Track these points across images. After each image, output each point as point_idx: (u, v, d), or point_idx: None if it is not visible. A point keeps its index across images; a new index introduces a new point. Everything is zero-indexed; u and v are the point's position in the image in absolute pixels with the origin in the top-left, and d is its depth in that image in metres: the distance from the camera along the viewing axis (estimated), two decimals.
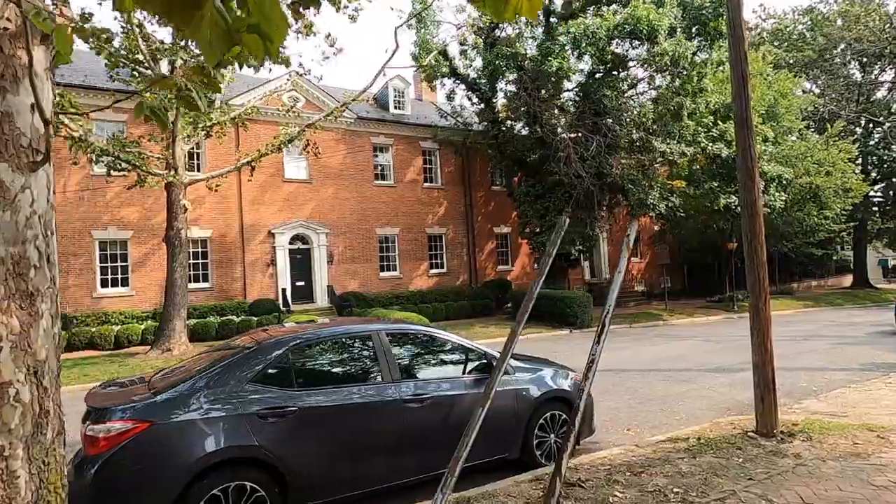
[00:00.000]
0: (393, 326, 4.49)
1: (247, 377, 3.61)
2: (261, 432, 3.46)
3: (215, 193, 19.29)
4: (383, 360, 4.11)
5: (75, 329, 15.17)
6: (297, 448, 3.56)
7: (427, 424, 4.08)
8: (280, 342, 3.86)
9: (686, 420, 6.40)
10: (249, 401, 3.52)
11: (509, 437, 4.52)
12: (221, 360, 3.74)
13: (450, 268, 24.38)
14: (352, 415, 3.82)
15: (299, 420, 3.61)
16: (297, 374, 3.82)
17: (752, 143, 5.18)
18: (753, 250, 5.16)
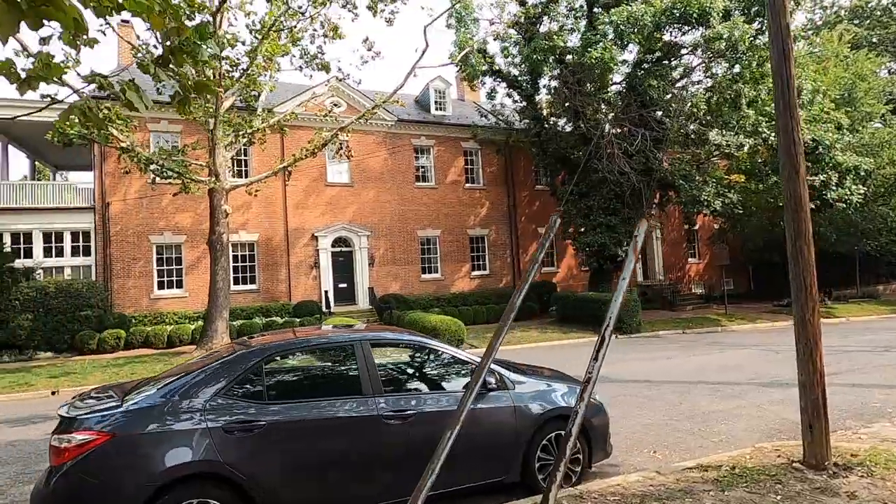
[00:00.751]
0: (378, 335, 4.22)
1: (216, 389, 3.46)
2: (226, 448, 3.30)
3: (262, 198, 20.03)
4: (364, 371, 3.85)
5: (133, 329, 16.10)
6: (265, 465, 3.37)
7: (411, 443, 3.77)
8: (253, 352, 3.69)
9: (725, 443, 5.69)
10: (216, 414, 3.37)
11: (507, 459, 4.12)
12: (194, 370, 3.62)
13: (492, 269, 23.92)
14: (325, 431, 3.58)
15: (268, 435, 3.42)
16: (270, 387, 3.64)
17: (795, 127, 4.47)
18: (799, 252, 4.45)
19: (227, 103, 13.80)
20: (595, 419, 4.54)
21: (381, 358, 4.17)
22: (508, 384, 4.30)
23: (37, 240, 17.30)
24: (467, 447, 3.97)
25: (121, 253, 17.99)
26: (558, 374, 5.23)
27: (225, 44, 12.74)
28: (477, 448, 4.00)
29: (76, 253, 17.80)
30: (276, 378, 3.73)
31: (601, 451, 4.59)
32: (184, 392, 3.41)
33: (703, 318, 20.16)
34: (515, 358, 12.19)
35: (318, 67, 16.43)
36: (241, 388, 3.54)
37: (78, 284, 16.19)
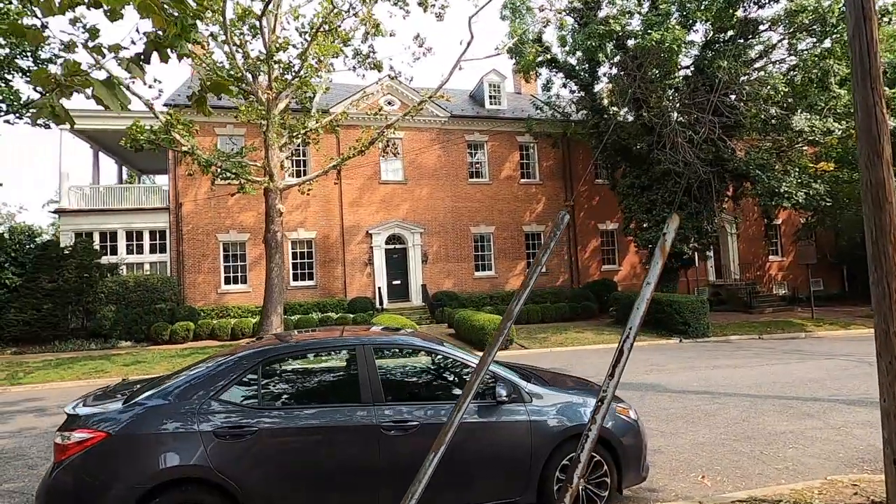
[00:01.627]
0: (384, 339, 3.99)
1: (211, 392, 3.40)
2: (216, 453, 3.22)
3: (319, 197, 20.65)
4: (365, 378, 3.64)
5: (201, 321, 17.15)
6: (256, 472, 3.26)
7: (412, 456, 3.50)
8: (249, 355, 3.60)
9: (791, 471, 4.94)
10: (209, 418, 3.31)
11: (521, 479, 3.75)
12: (194, 372, 3.59)
13: (549, 267, 23.12)
14: (319, 440, 3.42)
15: (259, 442, 3.31)
16: (265, 391, 3.53)
17: (878, 101, 3.71)
18: (881, 252, 3.69)
19: (281, 105, 14.22)
20: (625, 438, 4.05)
21: (388, 363, 3.95)
22: (525, 396, 3.92)
23: (121, 238, 18.89)
24: (475, 464, 3.67)
25: (192, 250, 19.23)
26: (586, 385, 4.75)
27: (277, 48, 13.12)
28: (486, 466, 3.68)
29: (154, 250, 19.25)
30: (272, 382, 3.62)
31: (633, 473, 4.08)
32: (180, 394, 3.38)
33: (784, 323, 18.27)
34: (564, 362, 11.64)
35: (371, 66, 16.56)
36: (236, 391, 3.45)
37: (154, 279, 17.49)
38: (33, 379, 11.16)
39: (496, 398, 3.71)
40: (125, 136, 12.55)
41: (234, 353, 3.71)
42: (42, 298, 15.88)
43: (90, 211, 18.71)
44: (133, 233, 19.11)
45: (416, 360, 4.12)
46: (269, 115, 12.69)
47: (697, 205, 16.88)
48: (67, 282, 16.19)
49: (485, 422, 3.72)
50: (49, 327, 16.03)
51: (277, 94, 13.70)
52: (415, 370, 4.07)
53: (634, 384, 8.97)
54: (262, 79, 13.94)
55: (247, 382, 3.49)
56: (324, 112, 16.20)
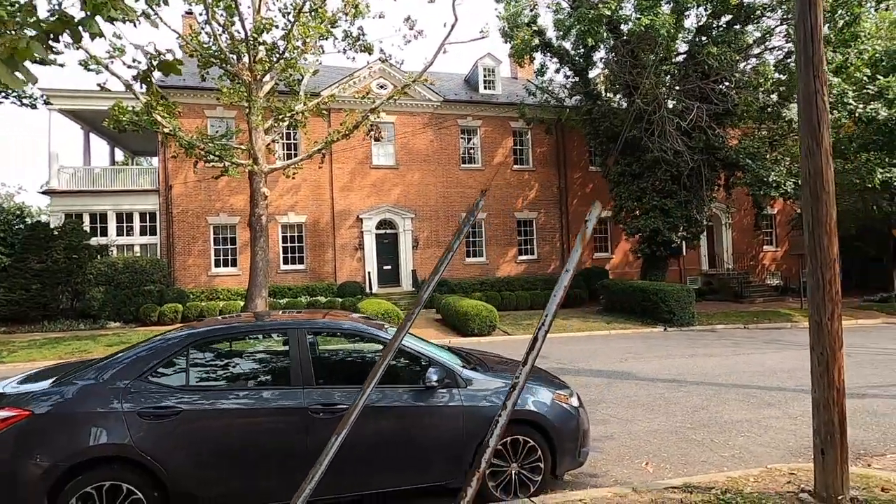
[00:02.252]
0: (318, 323, 4.00)
1: (138, 372, 3.43)
2: (140, 432, 3.26)
3: (310, 181, 20.59)
4: (297, 361, 3.67)
5: (189, 304, 17.25)
6: (179, 453, 3.30)
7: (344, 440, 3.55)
8: (179, 337, 3.62)
9: (736, 459, 4.97)
10: (134, 398, 3.34)
11: (451, 463, 3.79)
12: (127, 353, 3.62)
13: (540, 254, 23.12)
14: (245, 422, 3.45)
15: (183, 422, 3.35)
16: (193, 372, 3.56)
17: (819, 89, 3.64)
18: (817, 243, 3.67)
19: (266, 87, 14.10)
20: (561, 424, 4.07)
21: (326, 348, 3.97)
22: (460, 381, 3.94)
23: (111, 219, 18.92)
24: (406, 448, 3.71)
25: (182, 232, 19.26)
26: (535, 372, 4.75)
27: (261, 29, 12.94)
28: (417, 450, 3.72)
29: (144, 232, 19.30)
30: (201, 364, 3.64)
31: (569, 459, 4.12)
32: (108, 374, 3.42)
33: (773, 313, 18.26)
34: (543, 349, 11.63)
35: (362, 49, 16.32)
36: (164, 372, 3.49)
37: (143, 261, 17.57)
38: (16, 358, 11.29)
39: (425, 383, 3.72)
40: (107, 118, 12.49)
41: (166, 334, 3.73)
42: (31, 279, 15.98)
43: (80, 192, 18.71)
44: (123, 214, 19.13)
45: (361, 346, 4.12)
46: (252, 97, 12.57)
47: (687, 193, 16.76)
48: (56, 262, 16.27)
49: (416, 406, 3.75)
50: (38, 307, 16.16)
51: (262, 76, 13.57)
52: (354, 355, 4.09)
53: (607, 371, 9.01)
54: (247, 60, 13.78)
55: (174, 364, 3.52)
56: (313, 95, 16.04)
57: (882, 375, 8.53)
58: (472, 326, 13.87)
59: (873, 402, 6.91)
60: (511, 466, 3.95)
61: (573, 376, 8.57)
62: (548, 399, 4.13)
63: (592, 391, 7.55)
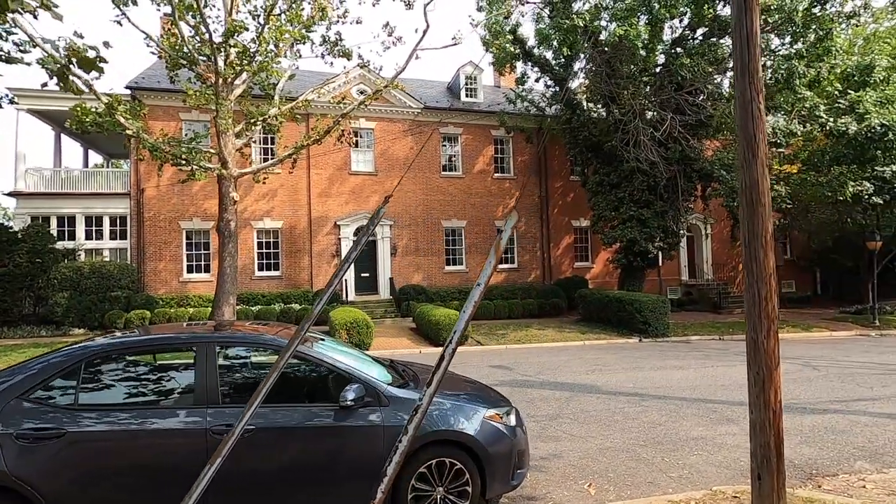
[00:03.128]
0: (228, 336, 3.76)
1: (20, 391, 3.16)
2: (16, 457, 2.99)
3: (287, 187, 20.30)
4: (202, 378, 3.42)
5: (157, 310, 16.80)
6: (61, 478, 3.04)
7: (245, 463, 3.30)
8: (69, 353, 3.36)
9: (684, 479, 4.79)
10: (13, 419, 3.07)
11: (369, 486, 3.54)
12: (12, 369, 3.34)
13: (520, 263, 23.00)
14: (139, 445, 3.19)
15: (70, 447, 3.08)
16: (84, 391, 3.30)
17: (755, 97, 3.51)
18: (753, 256, 3.52)
19: (237, 91, 13.85)
20: (491, 446, 3.85)
21: (236, 363, 3.72)
22: (383, 400, 3.70)
23: (79, 223, 18.45)
24: (319, 471, 3.46)
25: (153, 237, 18.84)
26: (480, 390, 4.54)
27: (231, 31, 12.71)
28: (331, 473, 3.47)
29: (114, 236, 18.84)
30: (93, 382, 3.37)
31: (500, 482, 3.89)
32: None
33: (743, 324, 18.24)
34: (512, 359, 11.45)
35: (340, 54, 16.17)
36: (50, 391, 3.22)
37: (110, 266, 17.10)
38: None
39: (340, 402, 3.49)
40: (70, 118, 12.14)
41: (61, 348, 3.46)
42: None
43: (48, 195, 18.25)
44: (93, 218, 18.68)
45: (268, 360, 3.87)
46: (219, 100, 12.31)
47: (664, 204, 16.76)
48: (18, 266, 15.77)
49: (330, 427, 3.51)
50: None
51: (232, 79, 13.31)
52: (265, 370, 3.83)
53: (570, 384, 8.82)
54: (216, 63, 13.53)
55: (61, 382, 3.25)
56: (289, 99, 15.80)
57: (847, 389, 8.44)
58: (444, 336, 13.63)
59: (834, 417, 6.79)
60: (436, 490, 3.72)
61: (535, 389, 8.37)
62: (477, 419, 3.91)
63: (551, 405, 7.34)
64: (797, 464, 5.21)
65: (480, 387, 4.72)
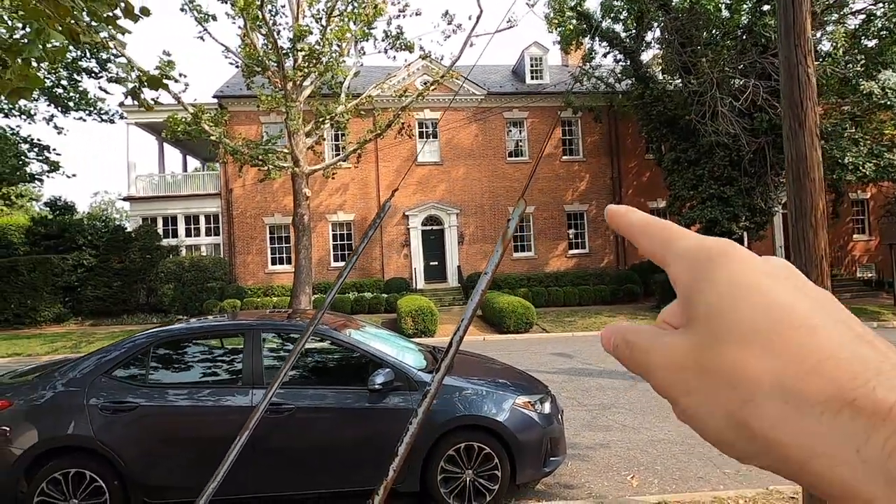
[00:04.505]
0: (276, 324, 4.09)
1: (103, 369, 3.70)
2: (100, 425, 3.52)
3: (358, 180, 21.19)
4: (248, 361, 3.78)
5: (246, 299, 18.41)
6: (135, 445, 3.53)
7: (286, 438, 3.63)
8: (142, 337, 3.86)
9: (741, 478, 4.48)
10: (97, 393, 3.61)
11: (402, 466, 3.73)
12: (98, 351, 3.92)
13: (592, 248, 22.22)
14: (197, 418, 3.62)
15: (140, 417, 3.56)
16: (152, 371, 3.78)
17: (803, 60, 3.14)
18: (800, 236, 3.19)
19: (306, 92, 14.64)
20: (522, 433, 3.88)
21: (282, 348, 4.06)
22: (413, 384, 3.86)
23: (180, 222, 20.62)
24: (350, 451, 3.71)
25: (241, 232, 20.58)
26: (518, 377, 4.55)
27: (298, 36, 13.45)
28: (361, 453, 3.70)
29: (209, 233, 20.84)
30: (161, 363, 3.85)
31: (531, 469, 3.91)
32: (78, 371, 3.71)
33: (858, 310, 16.24)
34: (573, 347, 11.16)
35: (402, 48, 16.53)
36: (125, 370, 3.73)
37: (206, 260, 18.98)
38: (91, 349, 12.63)
39: (369, 386, 3.69)
40: (165, 129, 13.57)
41: (134, 335, 3.99)
42: (112, 277, 17.81)
43: (154, 198, 20.55)
44: (191, 217, 20.77)
45: (316, 346, 4.17)
46: (288, 102, 13.10)
47: (749, 180, 15.32)
48: (133, 262, 18.01)
49: (361, 409, 3.73)
50: (119, 303, 17.99)
51: (301, 81, 14.09)
52: (309, 356, 4.13)
53: (630, 373, 8.45)
54: (288, 66, 14.38)
55: (135, 362, 3.76)
56: (354, 96, 16.43)
57: None
58: (508, 323, 13.63)
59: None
60: (465, 473, 3.82)
61: (593, 378, 8.17)
62: (507, 405, 3.94)
63: (607, 395, 7.14)
64: None
65: (517, 374, 4.73)
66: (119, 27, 4.02)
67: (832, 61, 14.04)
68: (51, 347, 12.90)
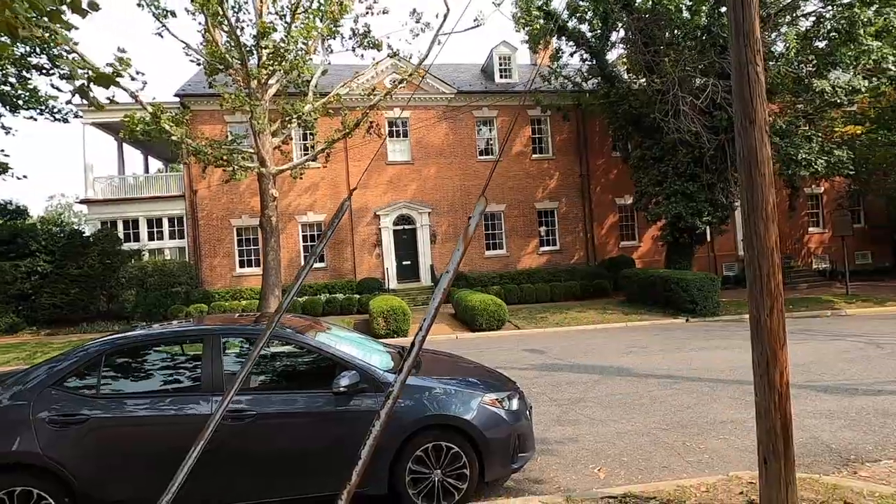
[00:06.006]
0: (237, 328, 3.98)
1: (52, 380, 3.53)
2: (48, 439, 3.36)
3: (328, 180, 20.90)
4: (208, 368, 3.67)
5: (213, 304, 17.92)
6: (87, 460, 3.37)
7: (248, 445, 3.54)
8: (92, 346, 3.70)
9: (703, 465, 4.61)
10: (44, 405, 3.44)
11: (368, 468, 3.67)
12: (46, 361, 3.73)
13: (563, 245, 22.53)
14: (153, 429, 3.48)
15: (92, 430, 3.41)
16: (105, 381, 3.62)
17: (752, 58, 3.24)
18: (753, 230, 3.29)
19: (271, 90, 14.34)
20: (490, 431, 3.88)
21: (237, 352, 3.95)
22: (380, 385, 3.82)
23: (142, 225, 19.91)
24: (314, 455, 3.64)
25: (207, 235, 20.02)
26: (485, 375, 4.56)
27: (264, 32, 13.15)
28: (326, 457, 3.64)
29: (173, 236, 20.19)
30: (114, 372, 3.69)
31: (499, 466, 3.92)
32: (24, 382, 3.52)
33: (813, 300, 17.01)
34: (545, 343, 11.29)
35: (370, 46, 16.39)
36: (76, 381, 3.56)
37: (171, 264, 18.39)
38: None
39: (333, 389, 3.63)
40: (122, 128, 13.06)
41: (85, 344, 3.81)
42: (70, 284, 17.06)
43: (114, 200, 19.77)
44: (153, 220, 20.08)
45: (278, 350, 4.07)
46: (253, 101, 12.81)
47: (711, 176, 15.81)
48: (92, 268, 17.29)
49: (324, 412, 3.67)
50: (78, 310, 17.25)
51: (266, 80, 13.79)
52: (272, 360, 4.03)
53: (600, 367, 8.63)
54: (252, 63, 14.05)
55: (86, 372, 3.59)
56: (321, 95, 16.18)
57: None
58: (481, 321, 13.68)
59: (888, 399, 6.27)
60: (434, 473, 3.81)
61: (564, 373, 8.27)
62: (475, 404, 3.95)
63: (577, 389, 7.24)
64: (834, 449, 4.88)
65: (485, 372, 4.74)
66: (65, 22, 3.83)
67: (786, 61, 14.61)
68: (3, 359, 12.27)
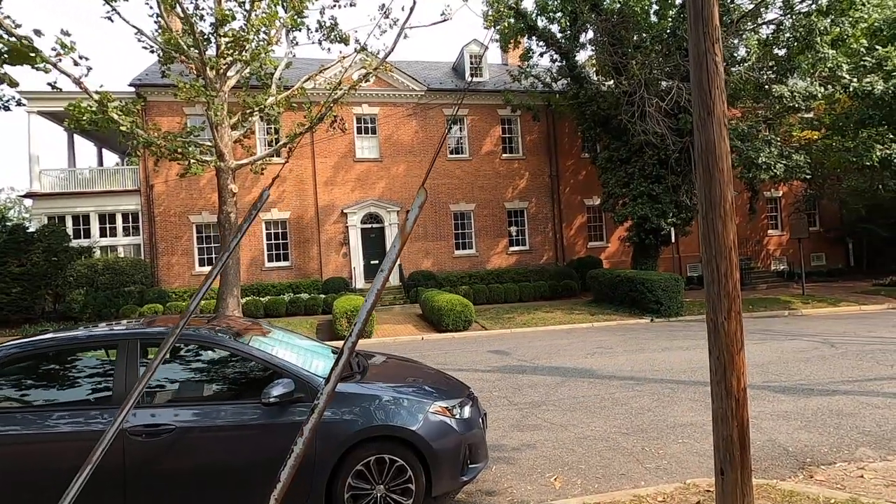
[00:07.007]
0: (153, 332, 3.61)
1: None
2: None
3: (293, 177, 20.29)
4: (121, 377, 3.29)
5: (170, 304, 17.11)
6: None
7: (164, 463, 3.17)
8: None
9: (661, 471, 4.47)
10: None
11: (299, 487, 3.37)
12: None
13: (532, 245, 22.54)
14: (52, 447, 3.09)
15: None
16: (1, 392, 3.19)
17: (710, 48, 3.09)
18: (711, 228, 3.14)
19: (230, 82, 13.75)
20: (437, 442, 3.62)
21: (167, 359, 3.57)
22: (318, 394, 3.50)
23: (94, 221, 18.88)
24: (242, 472, 3.30)
25: (164, 232, 19.14)
26: (428, 379, 4.30)
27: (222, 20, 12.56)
28: (255, 474, 3.31)
29: (127, 233, 19.22)
30: (9, 384, 3.27)
31: (448, 479, 3.67)
32: None
33: (772, 300, 17.46)
34: (511, 344, 11.15)
35: (337, 40, 15.92)
36: None
37: (123, 262, 17.48)
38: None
39: (263, 399, 3.31)
40: (67, 118, 12.27)
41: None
42: (11, 282, 15.99)
43: (62, 194, 18.68)
44: (106, 216, 19.08)
45: (208, 357, 3.70)
46: (210, 92, 12.21)
47: (676, 178, 16.02)
48: (36, 265, 16.26)
49: (259, 424, 3.34)
50: (20, 311, 16.19)
51: (224, 70, 13.20)
52: (197, 368, 3.66)
53: (563, 369, 8.50)
54: (211, 53, 13.43)
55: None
56: (286, 88, 15.62)
57: (864, 368, 7.88)
58: (447, 322, 13.44)
59: (842, 399, 6.31)
60: (376, 488, 3.52)
61: (527, 375, 8.11)
62: (421, 413, 3.68)
63: (538, 392, 7.07)
64: (791, 451, 4.83)
65: (439, 377, 4.48)
66: None
67: (748, 67, 14.92)
68: None
